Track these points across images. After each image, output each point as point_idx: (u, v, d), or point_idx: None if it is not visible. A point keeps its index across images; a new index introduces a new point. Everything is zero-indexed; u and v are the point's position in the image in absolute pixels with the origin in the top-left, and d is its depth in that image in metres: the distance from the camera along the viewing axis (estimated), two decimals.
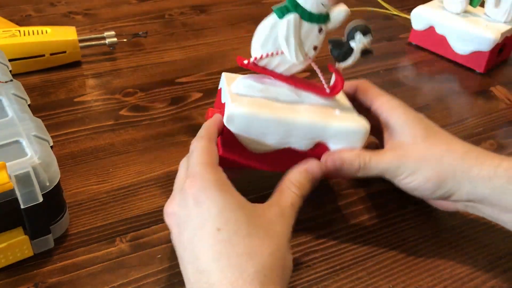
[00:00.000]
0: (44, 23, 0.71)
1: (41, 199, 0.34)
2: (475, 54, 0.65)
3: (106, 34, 0.64)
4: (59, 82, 0.59)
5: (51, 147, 0.38)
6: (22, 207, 0.34)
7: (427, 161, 0.37)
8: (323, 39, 0.38)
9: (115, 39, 0.64)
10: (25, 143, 0.37)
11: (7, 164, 0.34)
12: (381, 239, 0.41)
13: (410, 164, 0.38)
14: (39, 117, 0.41)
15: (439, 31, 0.68)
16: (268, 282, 0.29)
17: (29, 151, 0.36)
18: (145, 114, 0.54)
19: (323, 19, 0.37)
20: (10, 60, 0.50)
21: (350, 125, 0.38)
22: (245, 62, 0.38)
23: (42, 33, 0.60)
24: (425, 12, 0.69)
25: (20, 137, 0.37)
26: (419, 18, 0.70)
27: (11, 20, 0.67)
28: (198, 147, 0.35)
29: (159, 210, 0.42)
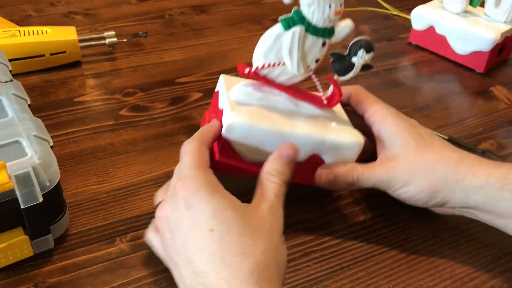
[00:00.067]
0: (44, 23, 0.71)
1: (41, 199, 0.34)
2: (475, 54, 0.65)
3: (106, 34, 0.64)
4: (59, 82, 0.59)
5: (51, 147, 0.38)
6: (22, 207, 0.34)
7: (418, 172, 0.38)
8: (325, 52, 0.38)
9: (115, 39, 0.64)
10: (25, 143, 0.37)
11: (7, 164, 0.34)
12: (381, 239, 0.42)
13: (401, 176, 0.38)
14: (39, 117, 0.41)
15: (439, 31, 0.68)
16: (263, 280, 0.29)
17: (29, 151, 0.36)
18: (145, 114, 0.54)
19: (328, 33, 0.36)
20: (10, 60, 0.50)
21: (345, 139, 0.39)
22: (246, 72, 0.38)
23: (42, 33, 0.60)
24: (425, 12, 0.69)
25: (20, 137, 0.37)
26: (419, 18, 0.70)
27: (11, 20, 0.67)
28: (189, 149, 0.35)
29: None
